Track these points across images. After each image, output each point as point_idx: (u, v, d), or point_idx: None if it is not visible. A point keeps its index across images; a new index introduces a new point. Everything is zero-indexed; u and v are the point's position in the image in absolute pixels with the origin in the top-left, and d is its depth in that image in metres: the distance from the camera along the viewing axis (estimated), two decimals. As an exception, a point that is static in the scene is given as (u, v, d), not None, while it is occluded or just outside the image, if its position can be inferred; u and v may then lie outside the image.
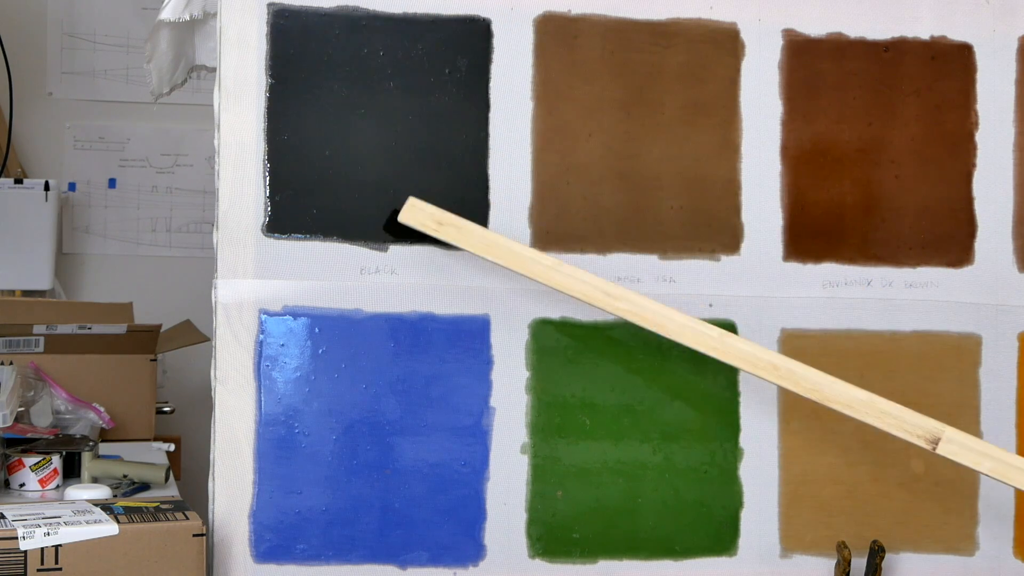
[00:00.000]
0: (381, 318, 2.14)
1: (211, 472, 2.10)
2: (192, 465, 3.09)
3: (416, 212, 2.07)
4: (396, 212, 2.08)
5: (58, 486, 2.35)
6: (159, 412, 2.92)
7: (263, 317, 2.11)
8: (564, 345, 2.19)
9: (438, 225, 2.06)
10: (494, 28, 2.17)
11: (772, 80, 2.24)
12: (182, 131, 3.80)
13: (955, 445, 2.01)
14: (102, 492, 2.20)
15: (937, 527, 2.26)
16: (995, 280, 2.28)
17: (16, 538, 1.80)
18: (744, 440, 2.23)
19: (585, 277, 2.06)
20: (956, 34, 2.28)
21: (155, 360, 2.86)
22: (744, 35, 2.24)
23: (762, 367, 2.05)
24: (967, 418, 2.26)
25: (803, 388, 2.05)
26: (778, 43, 2.25)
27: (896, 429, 2.03)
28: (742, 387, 2.23)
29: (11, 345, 2.71)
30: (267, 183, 2.12)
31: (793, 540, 2.23)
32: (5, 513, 1.88)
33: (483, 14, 2.17)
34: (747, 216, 2.23)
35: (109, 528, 1.85)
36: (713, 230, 2.22)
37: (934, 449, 2.01)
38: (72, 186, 3.74)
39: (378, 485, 2.13)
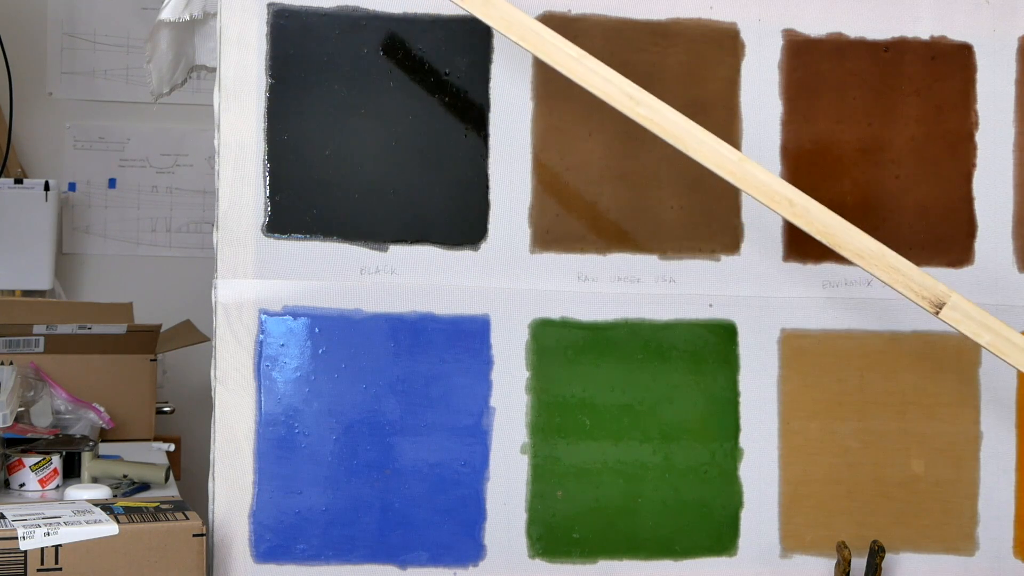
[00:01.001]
0: (381, 318, 2.14)
1: (211, 472, 2.10)
2: (192, 465, 3.09)
3: None
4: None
5: (58, 486, 2.35)
6: (159, 412, 2.92)
7: (263, 317, 2.11)
8: (564, 345, 2.19)
9: None
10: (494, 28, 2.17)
11: (772, 80, 2.24)
12: (182, 131, 3.80)
13: (959, 313, 1.95)
14: (102, 492, 2.20)
15: (937, 527, 2.26)
16: (995, 280, 2.28)
17: (16, 538, 1.80)
18: (744, 440, 2.23)
19: (609, 75, 1.95)
20: (956, 34, 2.28)
21: (155, 360, 2.86)
22: (744, 35, 2.24)
23: (777, 200, 1.95)
24: (967, 418, 2.26)
25: (816, 229, 1.95)
26: (778, 43, 2.25)
27: (902, 287, 1.95)
28: (742, 387, 2.23)
29: (11, 345, 2.71)
30: (267, 183, 2.12)
31: (793, 540, 2.23)
32: (5, 513, 1.88)
33: (483, 14, 2.17)
34: (747, 216, 2.23)
35: (109, 528, 1.85)
36: (713, 230, 2.22)
37: (937, 313, 1.94)
38: (72, 186, 3.74)
39: (378, 485, 2.13)
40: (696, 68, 2.22)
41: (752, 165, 1.95)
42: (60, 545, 1.81)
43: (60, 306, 2.99)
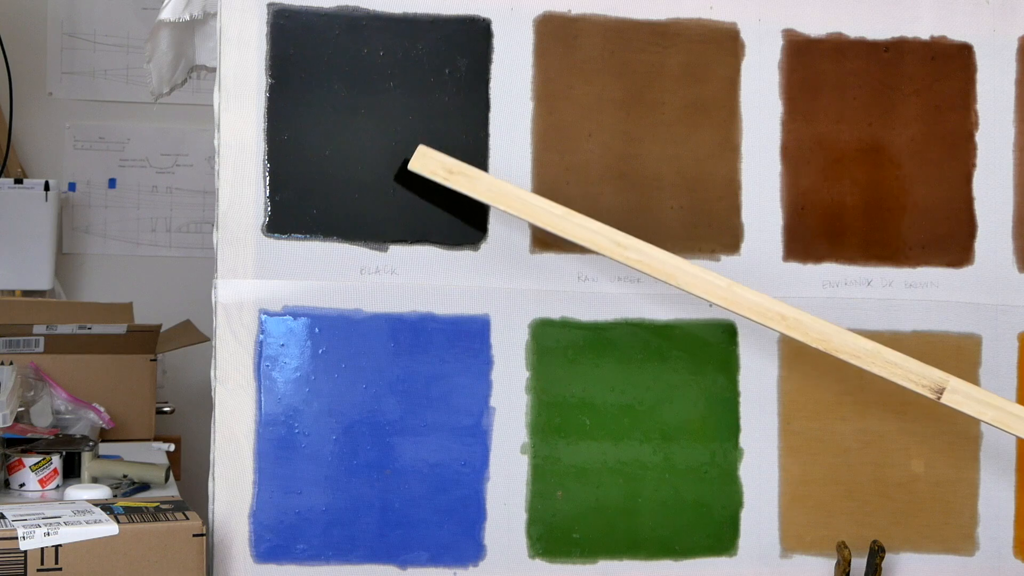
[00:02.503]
0: (381, 318, 2.14)
1: (211, 472, 2.10)
2: (192, 465, 3.09)
3: (427, 160, 2.07)
4: (407, 162, 2.08)
5: (58, 486, 2.35)
6: (159, 412, 2.92)
7: (263, 317, 2.11)
8: (564, 345, 2.19)
9: (448, 173, 2.06)
10: (494, 28, 2.17)
11: (772, 80, 2.24)
12: (182, 131, 3.80)
13: (959, 395, 2.04)
14: (102, 492, 2.20)
15: (937, 527, 2.26)
16: (995, 280, 2.28)
17: (16, 538, 1.80)
18: (744, 440, 2.23)
19: (595, 227, 2.06)
20: (956, 34, 2.28)
21: (155, 360, 2.86)
22: (744, 35, 2.24)
23: (770, 317, 2.06)
24: (967, 418, 2.26)
25: (811, 338, 2.06)
26: (778, 43, 2.25)
27: (902, 379, 2.05)
28: (742, 387, 2.23)
29: (11, 345, 2.71)
30: (267, 183, 2.12)
31: (793, 540, 2.23)
32: (5, 513, 1.88)
33: (483, 14, 2.17)
34: (747, 216, 2.23)
35: (109, 528, 1.85)
36: (713, 230, 2.22)
37: (939, 399, 2.04)
38: (72, 186, 3.74)
39: (378, 485, 2.13)
40: (696, 68, 2.22)
41: (741, 288, 2.06)
42: (60, 545, 1.81)
43: (60, 306, 2.99)
